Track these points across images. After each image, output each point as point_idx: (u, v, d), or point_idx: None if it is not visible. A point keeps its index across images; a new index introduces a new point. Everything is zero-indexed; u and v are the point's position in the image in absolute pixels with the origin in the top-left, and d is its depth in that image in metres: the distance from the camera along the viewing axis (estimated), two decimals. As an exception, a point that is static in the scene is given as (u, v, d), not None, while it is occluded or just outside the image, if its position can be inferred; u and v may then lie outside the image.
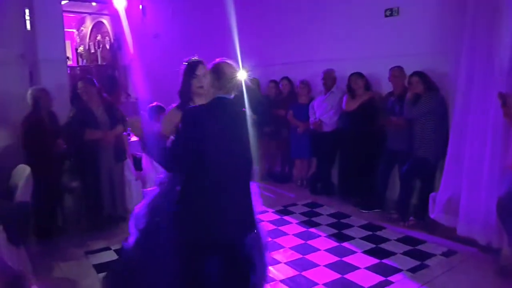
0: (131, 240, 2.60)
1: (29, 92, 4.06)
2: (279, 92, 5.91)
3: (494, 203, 3.29)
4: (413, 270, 3.36)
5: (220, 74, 2.22)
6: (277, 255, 3.63)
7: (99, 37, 11.57)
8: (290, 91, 5.76)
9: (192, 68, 2.64)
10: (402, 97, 4.26)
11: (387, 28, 4.77)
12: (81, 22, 12.52)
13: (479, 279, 3.20)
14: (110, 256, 3.70)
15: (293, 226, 4.36)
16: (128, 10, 9.52)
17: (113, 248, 3.85)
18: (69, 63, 11.20)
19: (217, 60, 2.31)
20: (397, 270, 3.36)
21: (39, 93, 4.04)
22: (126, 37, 9.84)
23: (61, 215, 4.35)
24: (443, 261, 3.52)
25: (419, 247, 3.79)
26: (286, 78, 5.83)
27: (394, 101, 4.42)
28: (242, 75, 5.98)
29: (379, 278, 3.24)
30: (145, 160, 4.94)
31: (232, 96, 2.28)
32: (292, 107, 5.58)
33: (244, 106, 2.47)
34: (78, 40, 12.90)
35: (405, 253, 3.66)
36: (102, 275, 3.31)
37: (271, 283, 3.18)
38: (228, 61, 2.29)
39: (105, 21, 11.14)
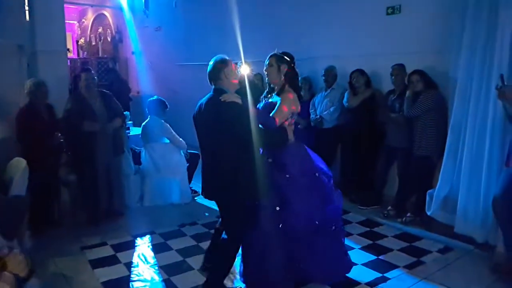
0: None
1: (26, 84, 4.02)
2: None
3: (491, 200, 3.29)
4: (409, 266, 3.36)
5: None
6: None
7: (100, 30, 11.56)
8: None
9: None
10: (402, 95, 4.26)
11: (388, 25, 4.75)
12: (83, 13, 12.50)
13: (475, 276, 3.21)
14: (106, 251, 3.68)
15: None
16: (130, 3, 9.52)
17: (109, 243, 3.84)
18: (70, 55, 11.22)
19: None
20: (393, 266, 3.36)
21: (35, 85, 3.99)
22: (128, 30, 9.86)
23: (57, 209, 4.30)
24: (439, 257, 3.53)
25: (416, 243, 3.80)
26: None
27: (394, 99, 4.41)
28: (245, 70, 5.96)
29: (376, 274, 3.25)
30: (144, 154, 4.95)
31: None
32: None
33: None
34: (79, 32, 12.89)
35: (402, 250, 3.67)
36: (98, 270, 3.33)
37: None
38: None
39: (107, 13, 11.11)
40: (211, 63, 2.82)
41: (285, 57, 3.03)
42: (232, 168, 2.64)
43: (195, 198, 5.17)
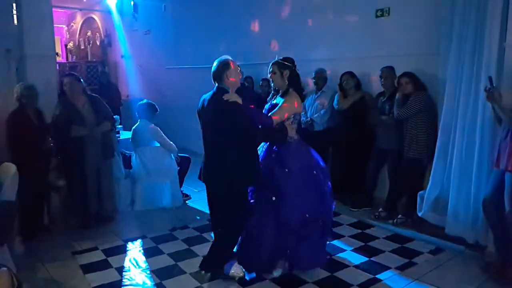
0: None
1: (16, 88, 3.98)
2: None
3: (481, 202, 3.33)
4: (401, 267, 3.38)
5: None
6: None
7: (89, 33, 11.48)
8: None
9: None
10: (392, 97, 4.29)
11: (378, 28, 4.80)
12: (72, 17, 12.41)
13: (466, 276, 3.24)
14: (98, 256, 3.64)
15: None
16: (119, 6, 9.47)
17: (100, 248, 3.80)
18: (59, 59, 11.11)
19: None
20: (385, 268, 3.38)
21: (25, 90, 3.94)
22: (117, 33, 9.80)
23: (47, 214, 4.25)
24: (430, 258, 3.55)
25: (407, 245, 3.82)
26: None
27: (384, 101, 4.44)
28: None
29: (368, 276, 3.26)
30: (135, 158, 4.92)
31: None
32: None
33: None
34: (67, 36, 12.78)
35: (394, 251, 3.69)
36: (89, 275, 3.30)
37: (261, 282, 3.18)
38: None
39: (96, 17, 11.04)
40: (215, 64, 3.07)
41: (286, 62, 3.27)
42: (230, 159, 2.97)
43: (186, 201, 5.14)
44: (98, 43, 11.06)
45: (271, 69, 3.28)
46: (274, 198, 3.10)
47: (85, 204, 4.19)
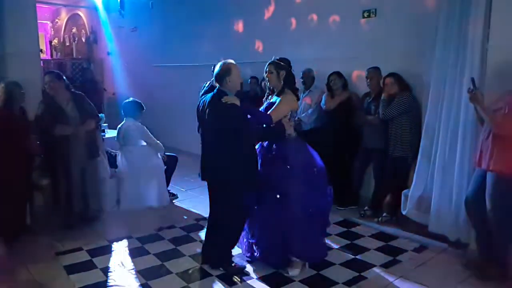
0: None
1: (1, 86, 3.88)
2: (261, 89, 5.89)
3: (463, 200, 3.39)
4: (386, 265, 3.43)
5: None
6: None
7: (74, 30, 11.31)
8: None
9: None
10: (378, 97, 4.34)
11: (364, 29, 4.83)
12: (56, 13, 12.21)
13: (449, 273, 3.30)
14: (82, 257, 3.60)
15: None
16: (105, 3, 9.36)
17: (85, 248, 3.76)
18: (43, 56, 10.94)
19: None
20: (370, 266, 3.42)
21: (12, 87, 3.85)
22: (103, 30, 9.68)
23: (30, 214, 4.17)
24: (415, 256, 3.61)
25: (392, 243, 3.88)
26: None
27: (370, 101, 4.49)
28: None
29: (353, 274, 3.29)
30: (120, 157, 4.87)
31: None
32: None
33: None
34: (52, 33, 12.58)
35: (379, 249, 3.74)
36: (73, 276, 3.26)
37: (248, 281, 3.21)
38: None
39: (81, 13, 10.89)
40: (218, 66, 3.16)
41: (282, 63, 3.36)
42: (226, 159, 3.09)
43: (173, 201, 5.12)
44: (83, 40, 10.91)
45: (267, 69, 3.38)
46: (278, 196, 3.20)
47: (70, 204, 4.13)
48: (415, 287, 3.10)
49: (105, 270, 3.38)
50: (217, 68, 3.16)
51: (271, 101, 3.42)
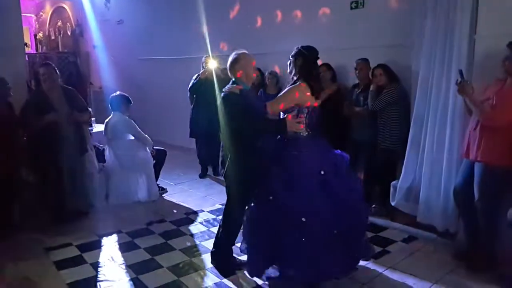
0: None
1: None
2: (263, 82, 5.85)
3: (451, 191, 3.43)
4: (375, 256, 3.43)
5: None
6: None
7: (59, 23, 11.12)
8: (260, 82, 5.71)
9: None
10: (366, 89, 4.34)
11: (352, 20, 4.82)
12: (40, 6, 11.97)
13: (438, 263, 3.34)
14: (72, 252, 3.57)
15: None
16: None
17: (75, 243, 3.73)
18: (28, 50, 10.73)
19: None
20: (360, 257, 3.44)
21: None
22: (89, 23, 9.53)
23: (18, 210, 4.13)
24: (404, 247, 3.64)
25: (381, 233, 3.91)
26: (258, 69, 5.77)
27: (359, 93, 4.49)
28: (212, 64, 5.89)
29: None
30: (108, 152, 4.82)
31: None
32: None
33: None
34: (37, 26, 12.34)
35: (368, 240, 3.75)
36: (63, 272, 3.23)
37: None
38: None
39: (66, 6, 10.70)
40: (230, 58, 3.07)
41: (304, 51, 3.07)
42: (233, 152, 3.00)
43: (163, 195, 5.09)
44: (69, 33, 10.73)
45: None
46: (271, 198, 2.85)
47: (58, 199, 4.09)
48: (404, 278, 3.13)
49: (95, 265, 3.36)
50: (229, 60, 3.06)
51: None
